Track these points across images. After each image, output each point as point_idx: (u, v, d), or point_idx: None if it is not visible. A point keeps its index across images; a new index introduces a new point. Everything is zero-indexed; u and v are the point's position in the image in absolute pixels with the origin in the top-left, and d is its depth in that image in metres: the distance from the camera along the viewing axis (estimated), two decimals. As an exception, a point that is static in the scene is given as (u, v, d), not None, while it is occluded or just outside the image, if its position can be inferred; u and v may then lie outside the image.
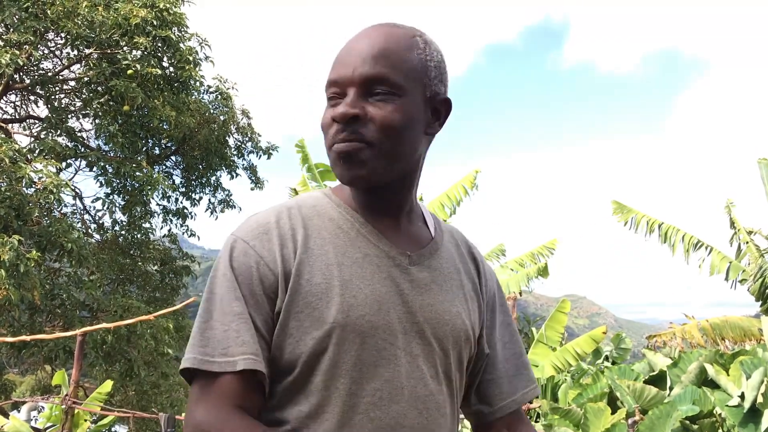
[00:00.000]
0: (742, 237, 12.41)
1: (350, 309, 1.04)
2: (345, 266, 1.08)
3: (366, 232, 1.12)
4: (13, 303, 9.18)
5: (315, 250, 1.08)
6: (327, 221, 1.12)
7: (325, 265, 1.07)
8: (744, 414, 5.76)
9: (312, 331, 1.04)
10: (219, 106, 14.69)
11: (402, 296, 1.09)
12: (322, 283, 1.05)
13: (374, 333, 1.05)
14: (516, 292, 12.39)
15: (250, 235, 1.08)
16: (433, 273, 1.15)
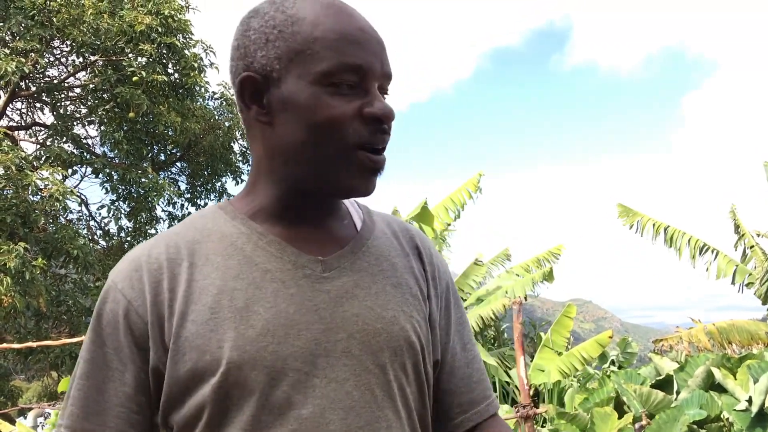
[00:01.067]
0: (747, 241, 12.37)
1: (247, 342, 0.84)
2: (238, 291, 0.87)
3: (265, 244, 0.92)
4: (19, 310, 9.21)
5: (200, 281, 0.88)
6: (216, 241, 0.92)
7: (212, 298, 0.87)
8: (752, 418, 5.73)
9: (203, 385, 0.85)
10: (224, 112, 14.73)
11: (317, 312, 0.89)
12: (211, 320, 0.85)
13: (283, 365, 0.85)
14: (521, 296, 12.37)
15: (121, 275, 0.90)
16: (357, 275, 0.94)
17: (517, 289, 12.95)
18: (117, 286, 0.89)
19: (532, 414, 5.69)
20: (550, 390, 10.25)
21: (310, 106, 0.87)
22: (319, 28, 0.88)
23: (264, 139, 0.92)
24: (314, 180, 0.91)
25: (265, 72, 0.89)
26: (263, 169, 0.94)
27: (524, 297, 12.64)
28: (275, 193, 0.94)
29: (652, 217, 12.08)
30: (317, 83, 0.87)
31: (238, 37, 0.92)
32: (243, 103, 0.92)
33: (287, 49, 0.88)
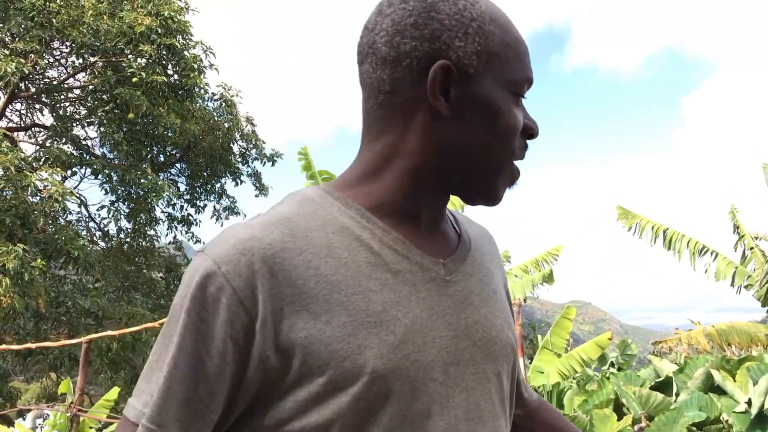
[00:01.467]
0: (747, 242, 12.38)
1: (390, 350, 0.78)
2: (374, 293, 0.80)
3: (391, 242, 0.85)
4: (18, 311, 9.21)
5: (329, 277, 0.79)
6: (337, 233, 0.83)
7: (346, 298, 0.79)
8: (751, 420, 5.73)
9: (339, 394, 0.76)
10: (223, 113, 14.74)
11: (446, 318, 0.85)
12: (348, 323, 0.77)
13: (423, 375, 0.80)
14: (521, 298, 12.37)
15: (225, 258, 0.77)
16: (470, 281, 0.91)
17: (516, 291, 12.95)
18: (221, 269, 0.76)
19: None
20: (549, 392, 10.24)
21: (501, 111, 0.84)
22: (510, 35, 0.87)
23: (432, 132, 0.84)
24: (472, 183, 0.88)
25: (461, 65, 0.83)
26: (405, 163, 0.86)
27: (524, 299, 12.64)
28: (408, 188, 0.86)
29: (651, 220, 12.09)
30: (506, 90, 0.85)
31: (417, 15, 0.83)
32: (433, 90, 0.82)
33: (487, 47, 0.84)
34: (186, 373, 0.76)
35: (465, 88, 0.83)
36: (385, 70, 0.84)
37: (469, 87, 0.83)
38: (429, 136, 0.84)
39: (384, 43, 0.83)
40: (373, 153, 0.87)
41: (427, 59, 0.82)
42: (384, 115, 0.85)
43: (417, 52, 0.82)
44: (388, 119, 0.85)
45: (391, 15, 0.84)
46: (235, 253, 0.77)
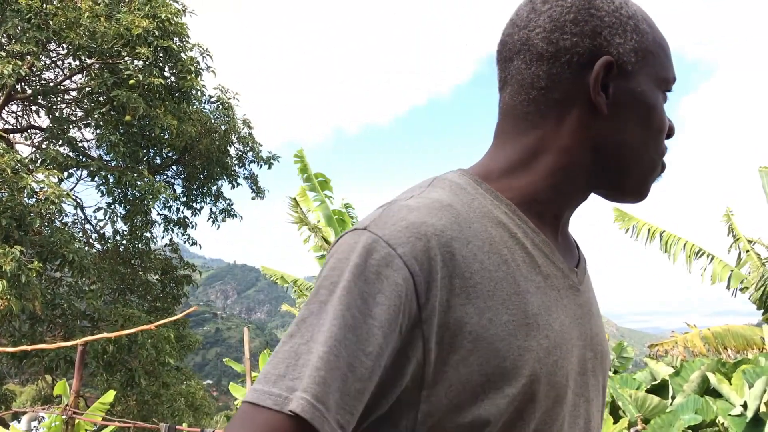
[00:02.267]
0: (742, 245, 12.40)
1: (545, 354, 0.77)
2: (531, 295, 0.79)
3: (541, 243, 0.84)
4: (14, 313, 9.18)
5: (493, 273, 0.77)
6: (494, 227, 0.80)
7: (507, 294, 0.77)
8: (747, 423, 5.75)
9: (496, 394, 0.74)
10: (220, 115, 14.75)
11: (579, 327, 0.85)
12: (508, 323, 0.75)
13: (565, 382, 0.80)
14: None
15: (400, 240, 0.73)
16: (590, 293, 0.92)
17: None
18: (397, 251, 0.72)
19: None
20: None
21: (656, 108, 0.85)
22: (659, 34, 0.88)
23: (588, 128, 0.83)
24: (625, 180, 0.86)
25: (621, 61, 0.82)
26: (558, 159, 0.83)
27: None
28: (558, 186, 0.85)
29: (647, 222, 12.11)
30: (658, 87, 0.86)
31: (576, 12, 0.82)
32: (596, 85, 0.81)
33: (642, 45, 0.84)
34: (346, 357, 0.68)
35: (623, 85, 0.83)
36: (541, 66, 0.83)
37: (627, 84, 0.83)
38: (585, 133, 0.83)
39: (541, 39, 0.82)
40: (522, 146, 0.85)
41: (588, 55, 0.82)
42: (536, 110, 0.84)
43: (578, 48, 0.82)
44: (541, 115, 0.84)
45: (548, 11, 0.83)
46: (410, 236, 0.73)
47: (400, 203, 0.78)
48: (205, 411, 17.68)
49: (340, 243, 0.76)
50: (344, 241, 0.75)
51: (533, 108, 0.84)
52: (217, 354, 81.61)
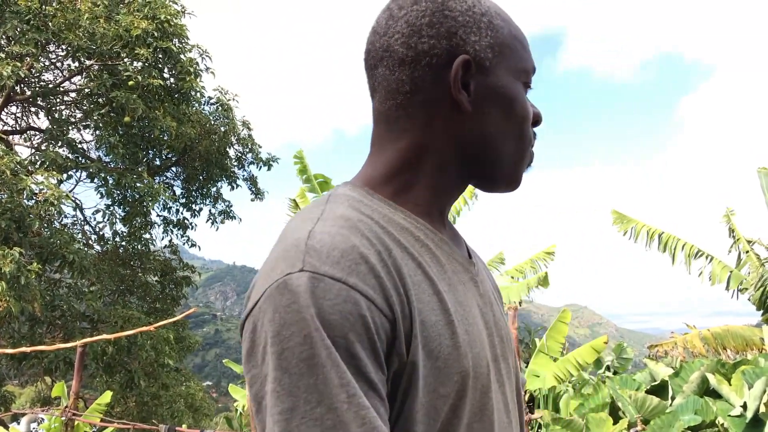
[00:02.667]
0: (742, 246, 12.40)
1: (470, 349, 0.80)
2: (445, 293, 0.80)
3: (440, 242, 0.86)
4: (14, 314, 9.18)
5: (413, 277, 0.78)
6: (401, 233, 0.81)
7: (428, 296, 0.78)
8: (746, 424, 5.74)
9: (434, 391, 0.75)
10: (220, 117, 14.75)
11: (483, 316, 0.87)
12: (437, 323, 0.77)
13: (486, 371, 0.83)
14: (516, 302, 12.38)
15: (342, 268, 0.70)
16: (486, 280, 0.96)
17: (512, 294, 12.96)
18: (348, 282, 0.69)
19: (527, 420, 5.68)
20: (545, 396, 10.24)
21: (517, 99, 0.88)
22: (514, 27, 0.91)
23: (456, 126, 0.86)
24: (496, 171, 0.89)
25: (478, 58, 0.85)
26: (437, 159, 0.86)
27: (519, 302, 12.64)
28: (440, 185, 0.88)
29: (646, 224, 12.11)
30: (517, 79, 0.89)
31: (431, 15, 0.84)
32: (456, 83, 0.84)
33: (498, 39, 0.87)
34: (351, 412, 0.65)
35: (483, 80, 0.86)
36: (403, 71, 0.85)
37: (486, 79, 0.86)
38: (453, 131, 0.86)
39: (400, 45, 0.84)
40: (398, 152, 0.87)
41: (446, 56, 0.84)
42: (405, 114, 0.86)
43: (436, 50, 0.84)
44: (410, 118, 0.86)
45: (404, 17, 0.85)
46: (350, 262, 0.71)
47: (315, 232, 0.74)
48: (204, 412, 17.68)
49: (270, 295, 0.69)
50: (278, 291, 0.69)
51: (402, 112, 0.86)
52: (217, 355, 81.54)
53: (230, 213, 15.64)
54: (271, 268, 0.72)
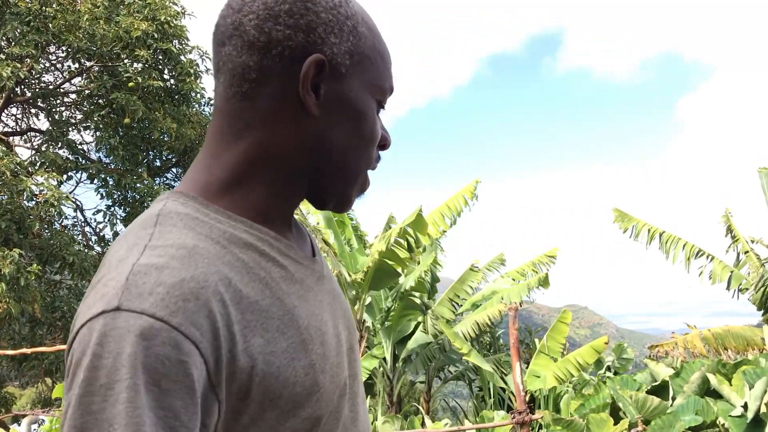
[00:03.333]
0: (741, 246, 12.40)
1: (325, 361, 0.79)
2: (296, 308, 0.78)
3: (285, 249, 0.82)
4: (14, 316, 9.18)
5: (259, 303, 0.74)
6: (244, 250, 0.76)
7: (278, 318, 0.75)
8: (747, 424, 5.74)
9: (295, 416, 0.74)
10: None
11: (332, 312, 0.87)
12: (288, 348, 0.74)
13: (341, 376, 0.83)
14: (517, 302, 12.38)
15: (167, 307, 0.64)
16: (330, 274, 0.94)
17: (512, 295, 12.97)
18: (171, 323, 0.63)
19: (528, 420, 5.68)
20: (545, 396, 10.24)
21: (367, 115, 0.83)
22: (378, 40, 0.85)
23: (301, 129, 0.79)
24: (329, 186, 0.84)
25: (335, 62, 0.79)
26: (280, 165, 0.80)
27: (520, 302, 12.65)
28: (282, 192, 0.82)
29: (647, 222, 12.11)
30: (372, 95, 0.83)
31: (293, 3, 0.77)
32: (305, 84, 0.78)
33: (359, 48, 0.81)
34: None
35: (335, 86, 0.80)
36: (252, 55, 0.77)
37: (338, 86, 0.80)
38: (298, 134, 0.80)
39: (253, 27, 0.77)
40: (239, 154, 0.80)
41: (300, 50, 0.77)
42: (249, 107, 0.79)
43: (290, 42, 0.77)
44: (253, 112, 0.79)
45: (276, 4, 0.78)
46: (177, 300, 0.65)
47: (139, 264, 0.67)
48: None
49: (84, 336, 0.64)
50: (90, 332, 0.63)
51: (247, 104, 0.79)
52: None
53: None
54: (89, 304, 0.66)
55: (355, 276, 11.23)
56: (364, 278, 11.13)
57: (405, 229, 10.66)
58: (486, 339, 14.18)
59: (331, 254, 11.28)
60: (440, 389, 14.74)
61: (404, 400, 13.24)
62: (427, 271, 12.22)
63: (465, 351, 10.42)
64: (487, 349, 14.04)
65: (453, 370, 14.31)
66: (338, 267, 11.11)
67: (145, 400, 0.61)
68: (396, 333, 12.39)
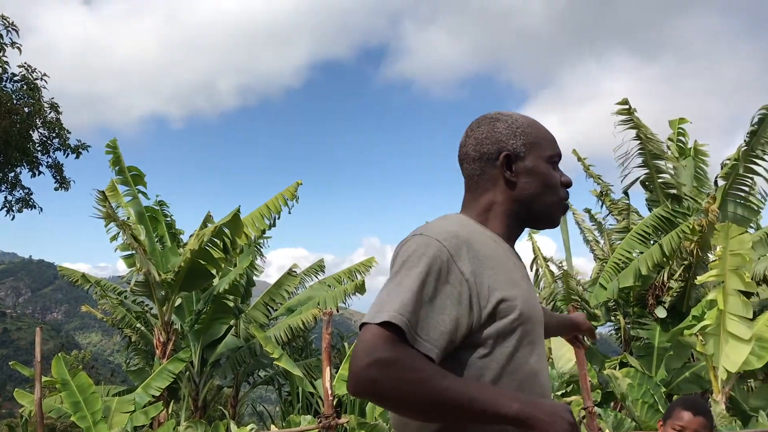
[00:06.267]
0: (539, 263, 13.51)
1: (525, 302, 1.39)
2: (512, 270, 1.44)
3: (509, 251, 1.51)
4: None
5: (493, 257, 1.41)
6: (487, 238, 1.46)
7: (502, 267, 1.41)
8: None
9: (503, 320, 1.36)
10: (24, 96, 13.47)
11: (531, 293, 1.49)
12: (506, 282, 1.39)
13: (537, 320, 1.45)
14: (332, 307, 12.52)
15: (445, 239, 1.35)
16: (529, 277, 1.59)
17: (328, 300, 13.10)
18: (444, 244, 1.33)
19: (334, 424, 5.75)
20: (353, 401, 10.43)
21: (545, 173, 1.54)
22: (541, 131, 1.58)
23: (506, 191, 1.52)
24: (537, 216, 1.55)
25: (516, 151, 1.53)
26: (498, 208, 1.53)
27: (335, 308, 12.80)
28: (505, 223, 1.53)
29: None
30: (546, 161, 1.55)
31: (487, 132, 1.55)
32: (502, 168, 1.52)
33: (528, 140, 1.54)
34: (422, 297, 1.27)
35: (520, 163, 1.53)
36: (476, 163, 1.55)
37: (521, 163, 1.53)
38: (504, 194, 1.53)
39: (473, 150, 1.56)
40: (480, 204, 1.54)
41: (497, 152, 1.53)
42: (480, 185, 1.55)
43: (491, 151, 1.54)
44: (483, 187, 1.54)
45: (473, 136, 1.57)
46: (449, 236, 1.35)
47: (440, 222, 1.43)
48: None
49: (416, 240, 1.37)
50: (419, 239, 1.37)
51: (480, 184, 1.55)
52: (4, 356, 74.17)
53: (30, 201, 14.33)
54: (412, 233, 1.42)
55: (165, 276, 10.74)
56: (175, 278, 10.69)
57: (221, 228, 10.40)
58: (299, 344, 14.18)
59: (140, 251, 10.69)
60: (248, 394, 14.52)
61: (210, 404, 12.86)
62: (242, 274, 12.00)
63: (276, 355, 10.35)
64: (299, 354, 14.05)
65: (263, 374, 14.16)
66: (147, 265, 10.56)
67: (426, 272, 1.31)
68: (206, 336, 12.04)
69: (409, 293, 1.24)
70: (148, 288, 11.06)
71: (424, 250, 1.31)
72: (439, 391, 1.18)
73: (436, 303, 1.27)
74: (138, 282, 11.08)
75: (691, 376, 9.82)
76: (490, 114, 1.60)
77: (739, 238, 7.97)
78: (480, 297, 1.32)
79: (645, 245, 11.34)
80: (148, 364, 12.70)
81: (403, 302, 1.23)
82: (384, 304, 1.24)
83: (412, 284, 1.26)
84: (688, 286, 10.73)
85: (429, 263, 1.29)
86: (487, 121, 1.57)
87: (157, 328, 11.33)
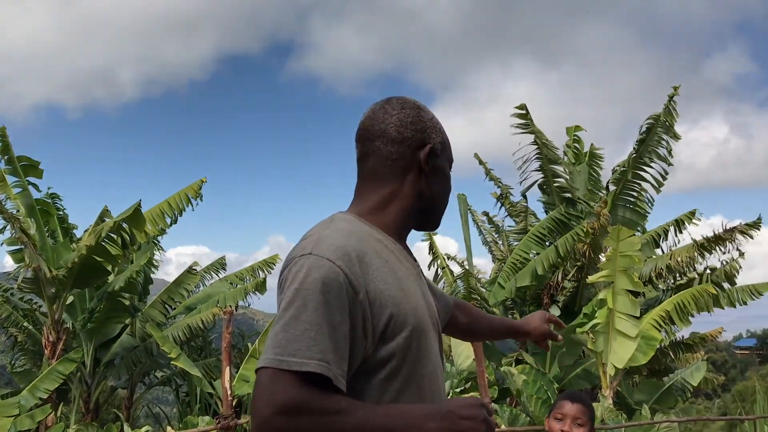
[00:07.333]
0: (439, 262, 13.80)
1: (415, 312, 1.34)
2: (403, 278, 1.37)
3: (398, 252, 1.42)
4: None
5: (379, 267, 1.31)
6: (377, 243, 1.37)
7: (394, 279, 1.33)
8: None
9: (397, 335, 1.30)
10: None
11: (424, 297, 1.43)
12: (398, 293, 1.32)
13: (426, 328, 1.38)
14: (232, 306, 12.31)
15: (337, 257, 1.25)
16: (424, 276, 1.57)
17: (228, 299, 12.87)
18: (336, 263, 1.23)
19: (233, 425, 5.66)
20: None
21: (449, 177, 1.54)
22: (445, 134, 1.55)
23: (416, 184, 1.45)
24: (431, 217, 1.53)
25: (436, 147, 1.48)
26: (403, 203, 1.45)
27: (236, 306, 12.59)
28: (403, 220, 1.46)
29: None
30: (448, 164, 1.54)
31: (413, 117, 1.46)
32: (425, 159, 1.44)
33: (443, 139, 1.52)
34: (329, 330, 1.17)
35: (436, 160, 1.48)
36: (393, 146, 1.44)
37: (437, 160, 1.49)
38: (416, 187, 1.45)
39: (394, 131, 1.44)
40: (380, 196, 1.44)
41: (419, 142, 1.45)
42: (388, 173, 1.44)
43: (415, 138, 1.45)
44: (391, 175, 1.44)
45: (396, 115, 1.45)
46: (341, 254, 1.25)
47: (326, 234, 1.31)
48: None
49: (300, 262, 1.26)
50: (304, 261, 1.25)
51: (387, 171, 1.44)
52: None
53: None
54: (297, 249, 1.30)
55: (57, 272, 10.23)
56: (67, 275, 10.20)
57: (120, 224, 10.02)
58: (198, 343, 13.85)
59: (30, 246, 10.14)
60: (144, 395, 14.06)
61: (103, 407, 12.37)
62: (139, 271, 11.61)
63: (174, 355, 10.08)
64: (198, 354, 13.72)
65: (160, 375, 13.75)
66: (37, 261, 10.03)
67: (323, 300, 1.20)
68: (99, 335, 11.56)
69: (316, 331, 1.15)
70: (38, 285, 10.52)
71: (317, 274, 1.20)
72: (354, 429, 1.14)
73: (338, 332, 1.18)
74: (26, 278, 10.52)
75: (582, 372, 10.32)
76: (408, 98, 1.51)
77: (628, 240, 8.44)
78: (373, 317, 1.24)
79: (541, 246, 11.81)
80: (36, 365, 12.06)
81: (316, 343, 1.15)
82: (287, 344, 1.14)
83: (311, 317, 1.16)
84: (581, 285, 11.23)
85: (323, 290, 1.18)
86: (411, 105, 1.48)
87: (47, 327, 10.80)
